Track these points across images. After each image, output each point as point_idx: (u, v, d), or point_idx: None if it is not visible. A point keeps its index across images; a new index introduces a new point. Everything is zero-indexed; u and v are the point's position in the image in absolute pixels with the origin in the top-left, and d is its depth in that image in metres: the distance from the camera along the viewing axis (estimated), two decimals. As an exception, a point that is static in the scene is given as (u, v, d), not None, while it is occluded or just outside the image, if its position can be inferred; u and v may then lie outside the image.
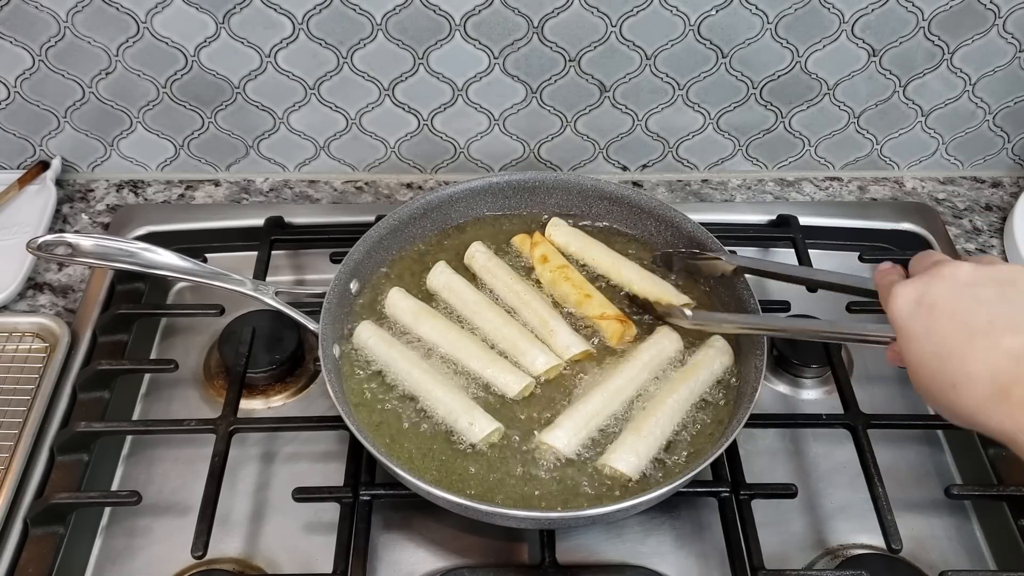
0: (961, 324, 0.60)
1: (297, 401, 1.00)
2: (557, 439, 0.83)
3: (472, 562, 0.85)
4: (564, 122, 1.17)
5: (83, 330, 1.00)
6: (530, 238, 1.02)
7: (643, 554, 0.87)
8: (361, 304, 0.97)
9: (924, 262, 0.68)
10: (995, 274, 0.62)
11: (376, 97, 1.13)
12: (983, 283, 0.62)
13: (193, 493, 0.85)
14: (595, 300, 0.96)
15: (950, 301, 0.62)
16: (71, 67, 1.09)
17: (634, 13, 1.05)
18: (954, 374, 0.60)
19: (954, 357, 0.60)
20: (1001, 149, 1.23)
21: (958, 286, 0.62)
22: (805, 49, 1.09)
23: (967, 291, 0.62)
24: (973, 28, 1.08)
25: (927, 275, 0.64)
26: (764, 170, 1.25)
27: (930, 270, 0.65)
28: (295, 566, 0.86)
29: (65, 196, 1.19)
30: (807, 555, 0.88)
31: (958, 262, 0.64)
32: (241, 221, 1.12)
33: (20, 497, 0.86)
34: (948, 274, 0.63)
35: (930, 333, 0.62)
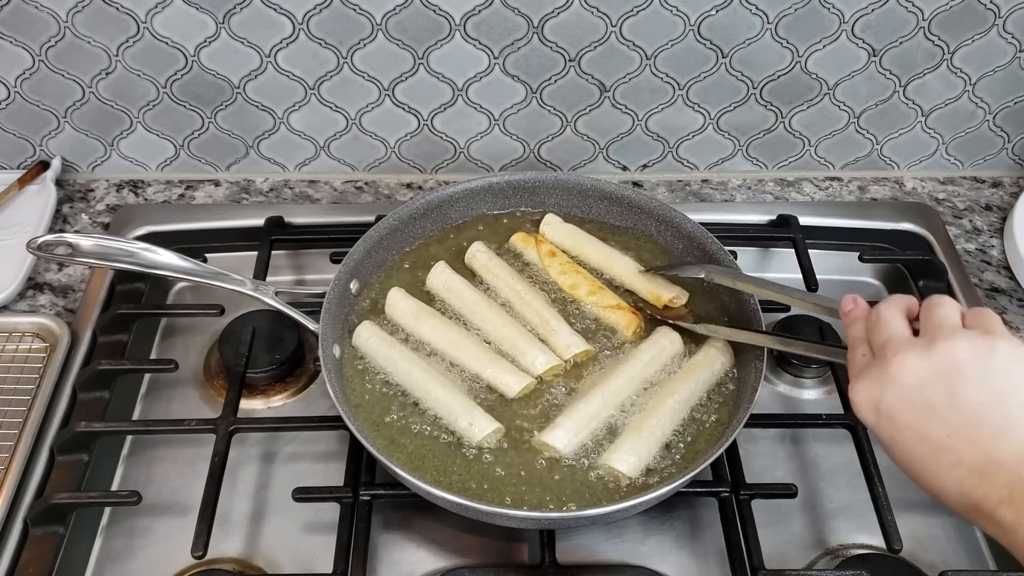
0: (923, 438, 0.61)
1: (297, 401, 1.00)
2: (557, 439, 0.83)
3: (472, 562, 0.85)
4: (564, 122, 1.17)
5: (83, 330, 1.00)
6: (532, 236, 1.02)
7: (643, 554, 0.87)
8: (361, 304, 0.97)
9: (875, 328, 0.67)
10: (942, 367, 0.61)
11: (376, 97, 1.13)
12: (931, 382, 0.61)
13: (193, 493, 0.85)
14: (607, 292, 0.96)
15: (904, 412, 0.62)
16: (71, 67, 1.09)
17: (634, 13, 1.05)
18: (930, 487, 0.62)
19: (927, 474, 0.62)
20: (1001, 149, 1.23)
21: (907, 391, 0.62)
22: (805, 49, 1.09)
23: (917, 395, 0.61)
24: (973, 28, 1.08)
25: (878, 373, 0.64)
26: (764, 170, 1.25)
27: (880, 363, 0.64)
28: (295, 566, 0.86)
29: (65, 196, 1.19)
30: (807, 555, 0.88)
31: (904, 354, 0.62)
32: (241, 221, 1.12)
33: (20, 497, 0.86)
34: (896, 377, 0.62)
35: (896, 446, 0.63)
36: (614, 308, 0.94)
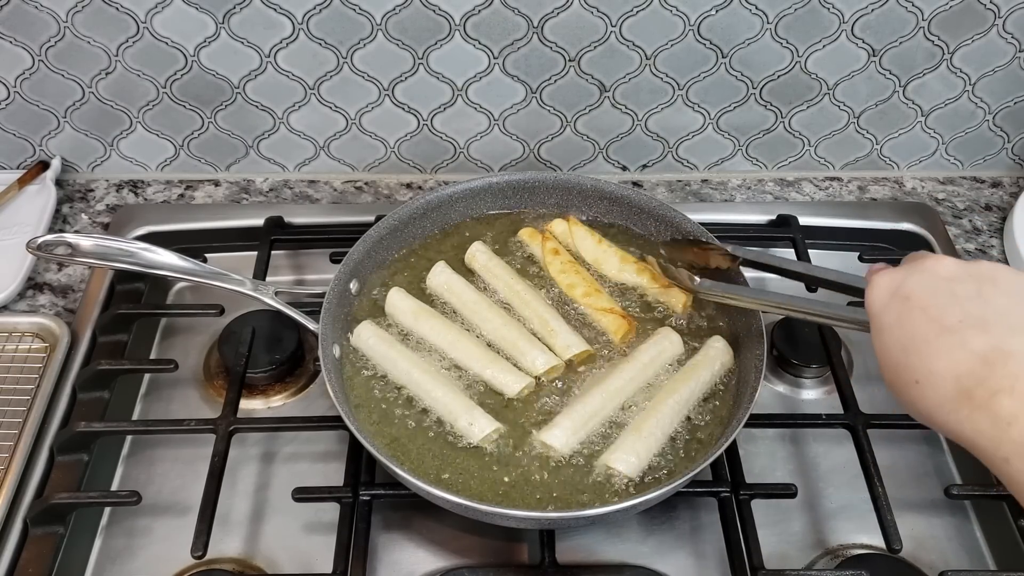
0: (932, 319, 0.59)
1: (297, 401, 1.00)
2: (555, 438, 0.83)
3: (472, 562, 0.85)
4: (564, 122, 1.17)
5: (83, 330, 1.00)
6: (540, 232, 1.02)
7: (643, 554, 0.87)
8: (361, 304, 0.97)
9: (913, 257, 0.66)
10: (976, 271, 0.61)
11: (376, 97, 1.13)
12: (962, 279, 0.60)
13: (193, 493, 0.85)
14: (603, 295, 0.96)
15: (925, 294, 0.60)
16: (71, 67, 1.09)
17: (634, 13, 1.05)
18: (918, 370, 0.58)
19: (920, 352, 0.58)
20: (1001, 149, 1.23)
21: (936, 279, 0.61)
22: (805, 49, 1.09)
23: (944, 285, 0.60)
24: (973, 28, 1.08)
25: (907, 267, 0.63)
26: (764, 170, 1.25)
27: (912, 263, 0.63)
28: (295, 566, 0.86)
29: (65, 196, 1.19)
30: (807, 555, 0.88)
31: (942, 256, 0.63)
32: (241, 221, 1.12)
33: (20, 497, 0.86)
34: (928, 267, 0.62)
35: (900, 325, 0.60)
36: (606, 312, 0.94)
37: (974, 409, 0.55)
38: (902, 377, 0.60)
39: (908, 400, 0.60)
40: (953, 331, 0.57)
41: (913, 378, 0.58)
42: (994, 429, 0.54)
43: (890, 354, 0.61)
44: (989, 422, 0.54)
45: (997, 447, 0.54)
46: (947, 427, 0.57)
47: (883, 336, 0.62)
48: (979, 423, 0.54)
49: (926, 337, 0.58)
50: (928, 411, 0.58)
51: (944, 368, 0.57)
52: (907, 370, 0.59)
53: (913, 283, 0.61)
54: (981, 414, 0.54)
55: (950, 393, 0.56)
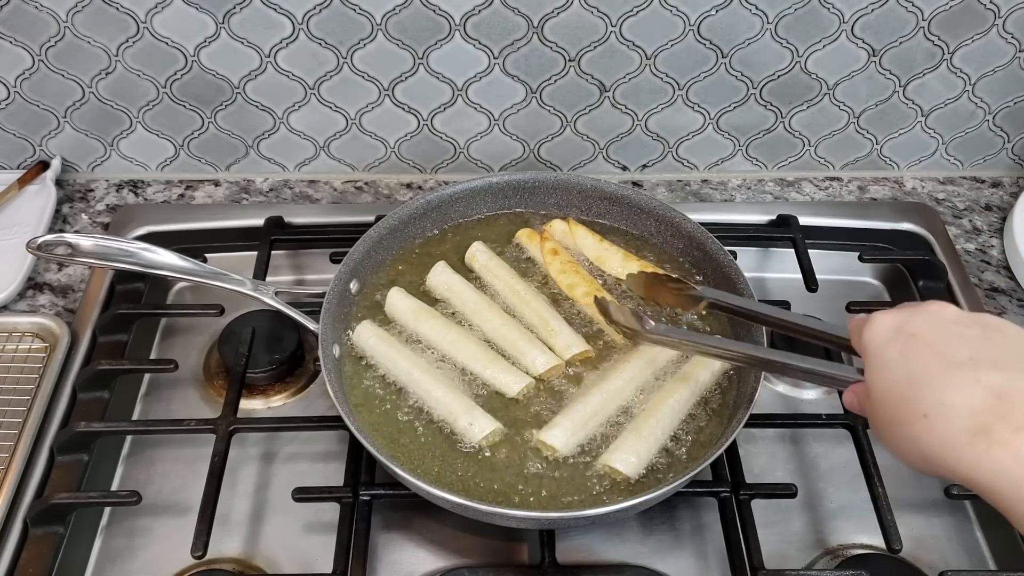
0: (940, 355, 0.56)
1: (297, 401, 1.00)
2: (555, 438, 0.83)
3: (472, 562, 0.85)
4: (564, 122, 1.17)
5: (83, 330, 1.00)
6: (538, 233, 1.02)
7: (643, 554, 0.87)
8: (361, 304, 0.97)
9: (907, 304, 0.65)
10: (982, 319, 0.59)
11: (376, 97, 1.13)
12: (968, 323, 0.59)
13: (193, 493, 0.85)
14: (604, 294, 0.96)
15: (931, 333, 0.58)
16: (71, 67, 1.09)
17: (634, 13, 1.05)
18: (927, 403, 0.55)
19: (930, 385, 0.55)
20: (1001, 149, 1.23)
21: (942, 321, 0.59)
22: (805, 49, 1.09)
23: (951, 327, 0.58)
24: (973, 28, 1.08)
25: (910, 309, 0.62)
26: (764, 170, 1.25)
27: (913, 306, 0.62)
28: (295, 566, 0.86)
29: (65, 196, 1.19)
30: (807, 555, 0.88)
31: (945, 303, 0.62)
32: (241, 221, 1.12)
33: (20, 497, 0.86)
34: (933, 310, 0.60)
35: (905, 360, 0.58)
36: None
37: (992, 445, 0.51)
38: (906, 411, 0.56)
39: (909, 436, 0.56)
40: (964, 367, 0.55)
41: (920, 412, 0.55)
42: (1017, 467, 0.51)
43: (893, 388, 0.58)
44: (1012, 459, 0.51)
45: (1020, 487, 0.50)
46: (958, 464, 0.54)
47: (885, 371, 0.59)
48: (1000, 460, 0.51)
49: (936, 371, 0.56)
50: (935, 448, 0.55)
51: (958, 401, 0.54)
52: (914, 403, 0.56)
53: (918, 323, 0.59)
54: (1002, 451, 0.51)
55: (965, 427, 0.53)
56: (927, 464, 0.57)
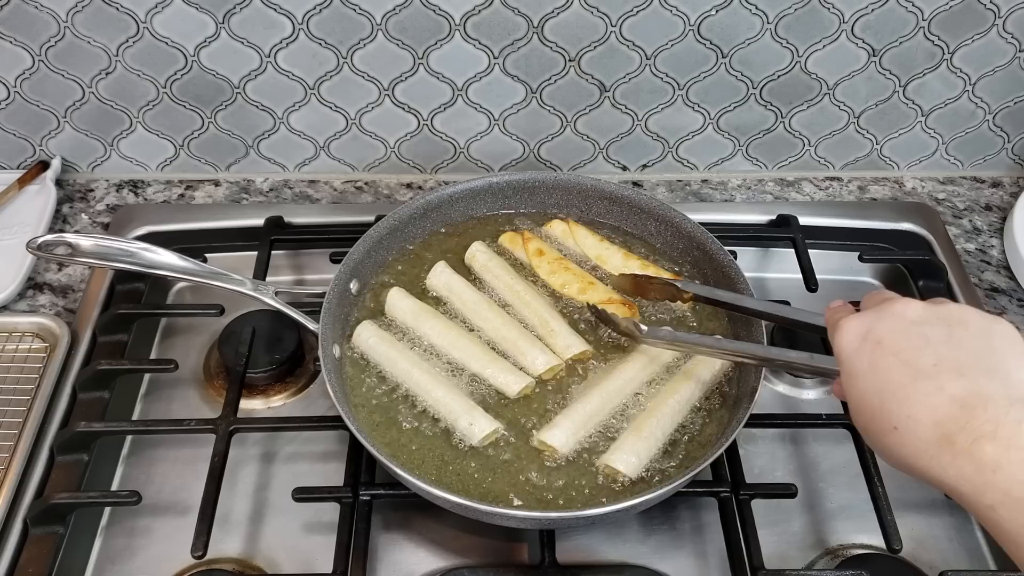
0: (905, 363, 0.58)
1: (297, 401, 1.00)
2: (555, 438, 0.83)
3: (472, 562, 0.85)
4: (564, 122, 1.17)
5: (83, 330, 1.00)
6: (519, 235, 1.02)
7: (643, 554, 0.87)
8: (361, 304, 0.97)
9: (875, 299, 0.65)
10: (945, 313, 0.60)
11: (376, 97, 1.13)
12: (932, 322, 0.60)
13: (193, 493, 0.85)
14: (599, 287, 0.96)
15: (896, 339, 0.59)
16: (71, 67, 1.09)
17: (634, 13, 1.05)
18: (895, 416, 0.57)
19: (896, 398, 0.57)
20: (1001, 149, 1.23)
21: (906, 323, 0.60)
22: (805, 49, 1.09)
23: (915, 329, 0.59)
24: (973, 28, 1.08)
25: (876, 311, 0.62)
26: (764, 170, 1.25)
27: (879, 306, 0.63)
28: (295, 566, 0.86)
29: (65, 196, 1.19)
30: (807, 555, 0.88)
31: (909, 299, 0.62)
32: (241, 221, 1.12)
33: (20, 497, 0.86)
34: (897, 311, 0.61)
35: (873, 370, 0.59)
36: (606, 304, 0.94)
37: (956, 455, 0.54)
38: (878, 423, 0.59)
39: (885, 446, 0.59)
40: (928, 376, 0.57)
41: (891, 424, 0.57)
42: (978, 476, 0.53)
43: (865, 400, 0.60)
44: (973, 468, 0.53)
45: (982, 494, 0.53)
46: (928, 473, 0.56)
47: (857, 382, 0.60)
48: (963, 469, 0.53)
49: (901, 382, 0.57)
50: (907, 458, 0.57)
51: (923, 414, 0.56)
52: (884, 416, 0.58)
53: (883, 328, 0.60)
54: (964, 460, 0.53)
55: (930, 439, 0.55)
56: (904, 469, 0.59)
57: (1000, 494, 0.52)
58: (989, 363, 0.57)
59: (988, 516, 0.53)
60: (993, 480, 0.52)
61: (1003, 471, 0.52)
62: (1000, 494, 0.52)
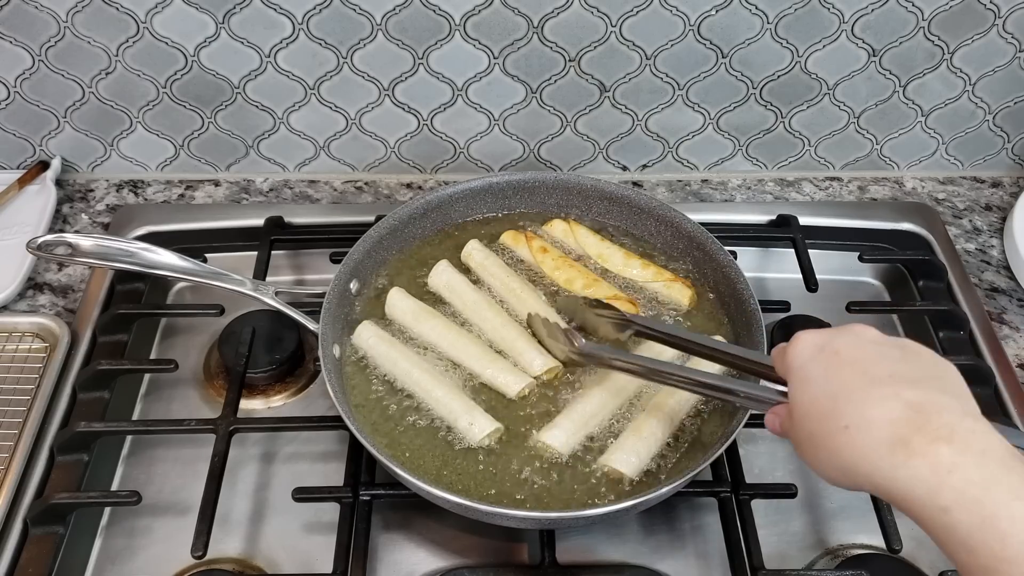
0: (862, 372, 0.59)
1: (297, 401, 1.00)
2: (555, 438, 0.83)
3: (472, 562, 0.85)
4: (564, 122, 1.17)
5: (83, 330, 1.00)
6: (523, 234, 1.02)
7: (643, 554, 0.87)
8: (361, 304, 0.97)
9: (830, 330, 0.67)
10: (901, 342, 0.62)
11: (376, 97, 1.13)
12: (889, 344, 0.62)
13: (193, 493, 0.85)
14: (603, 283, 0.97)
15: (854, 351, 0.61)
16: (71, 67, 1.09)
17: (634, 13, 1.05)
18: (849, 415, 0.57)
19: (852, 399, 0.58)
20: (1001, 149, 1.23)
21: (864, 341, 0.62)
22: (805, 49, 1.09)
23: (872, 346, 0.61)
24: (973, 28, 1.08)
25: (832, 329, 0.64)
26: (764, 170, 1.25)
27: (837, 327, 0.64)
28: (295, 566, 0.86)
29: (65, 196, 1.19)
30: (807, 555, 0.88)
31: (867, 326, 0.64)
32: (241, 221, 1.12)
33: (20, 497, 0.86)
34: (857, 331, 0.63)
35: (827, 376, 0.60)
36: (611, 299, 0.94)
37: (911, 455, 0.54)
38: (828, 424, 0.59)
39: (831, 448, 0.58)
40: (884, 383, 0.57)
41: (842, 423, 0.57)
42: (934, 477, 0.53)
43: (816, 403, 0.60)
44: (928, 470, 0.53)
45: (936, 495, 0.52)
46: (874, 476, 0.56)
47: (808, 386, 0.61)
48: (917, 470, 0.53)
49: (857, 385, 0.58)
50: (855, 459, 0.57)
51: (878, 414, 0.56)
52: (835, 416, 0.58)
53: (841, 342, 0.62)
54: (919, 461, 0.53)
55: (884, 438, 0.55)
56: (845, 476, 0.59)
57: (956, 494, 0.52)
58: (941, 384, 0.58)
59: (940, 520, 0.52)
60: (949, 481, 0.52)
61: (959, 472, 0.52)
62: (956, 494, 0.52)
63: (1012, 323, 1.07)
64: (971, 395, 0.59)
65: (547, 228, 1.04)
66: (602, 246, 1.01)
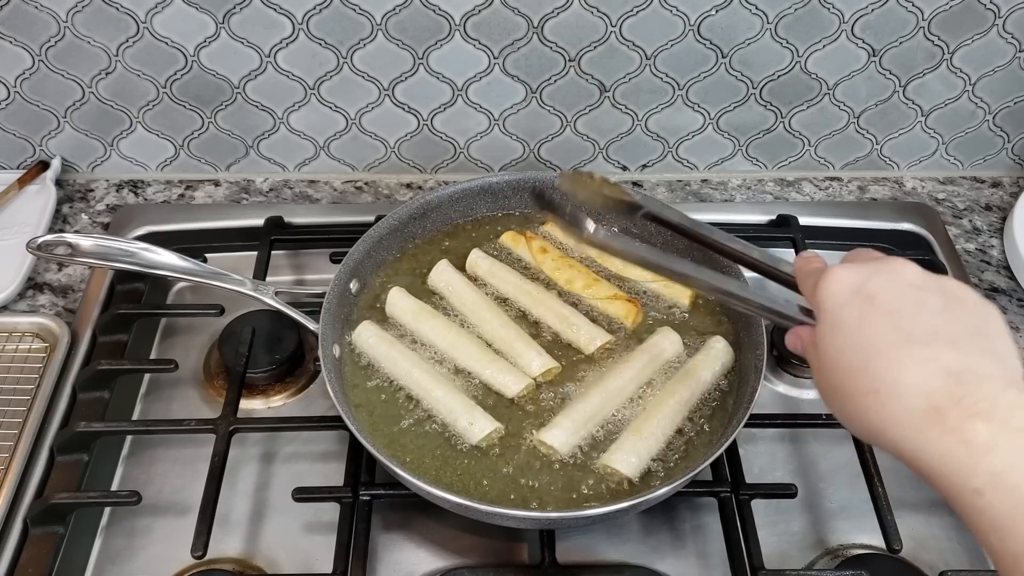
0: (899, 326, 0.53)
1: (297, 401, 1.00)
2: (554, 438, 0.83)
3: (472, 562, 0.85)
4: (564, 122, 1.17)
5: (83, 330, 1.00)
6: (522, 235, 1.02)
7: (643, 554, 0.87)
8: (361, 304, 0.97)
9: (865, 256, 0.61)
10: (943, 286, 0.57)
11: (376, 97, 1.13)
12: (931, 289, 0.56)
13: (193, 493, 0.85)
14: (603, 283, 0.97)
15: (891, 298, 0.55)
16: (71, 67, 1.09)
17: (634, 13, 1.05)
18: (878, 377, 0.53)
19: (885, 358, 0.53)
20: (1001, 149, 1.23)
21: (903, 285, 0.56)
22: (805, 49, 1.09)
23: (912, 292, 0.55)
24: (973, 28, 1.08)
25: (871, 265, 0.58)
26: (764, 170, 1.25)
27: (875, 262, 0.58)
28: (295, 566, 0.86)
29: (65, 196, 1.19)
30: (807, 555, 0.88)
31: (906, 260, 0.58)
32: (241, 221, 1.12)
33: (20, 497, 0.86)
34: (895, 270, 0.57)
35: (860, 326, 0.54)
36: (612, 299, 0.95)
37: (945, 431, 0.50)
38: (856, 383, 0.54)
39: (858, 409, 0.54)
40: (923, 343, 0.52)
41: (871, 386, 0.53)
42: (968, 456, 0.49)
43: (843, 356, 0.55)
44: (963, 448, 0.49)
45: (969, 476, 0.49)
46: (903, 443, 0.52)
47: (838, 336, 0.56)
48: (950, 446, 0.49)
49: (892, 343, 0.53)
50: (883, 424, 0.53)
51: (913, 380, 0.51)
52: (864, 376, 0.53)
53: (878, 284, 0.56)
54: (953, 437, 0.49)
55: (917, 408, 0.51)
56: (870, 436, 0.55)
57: (991, 477, 0.48)
58: (984, 343, 0.53)
59: (972, 502, 0.49)
60: (985, 462, 0.48)
61: (996, 454, 0.48)
62: (991, 477, 0.48)
63: (1012, 323, 1.07)
64: (1015, 351, 0.54)
65: (547, 228, 1.04)
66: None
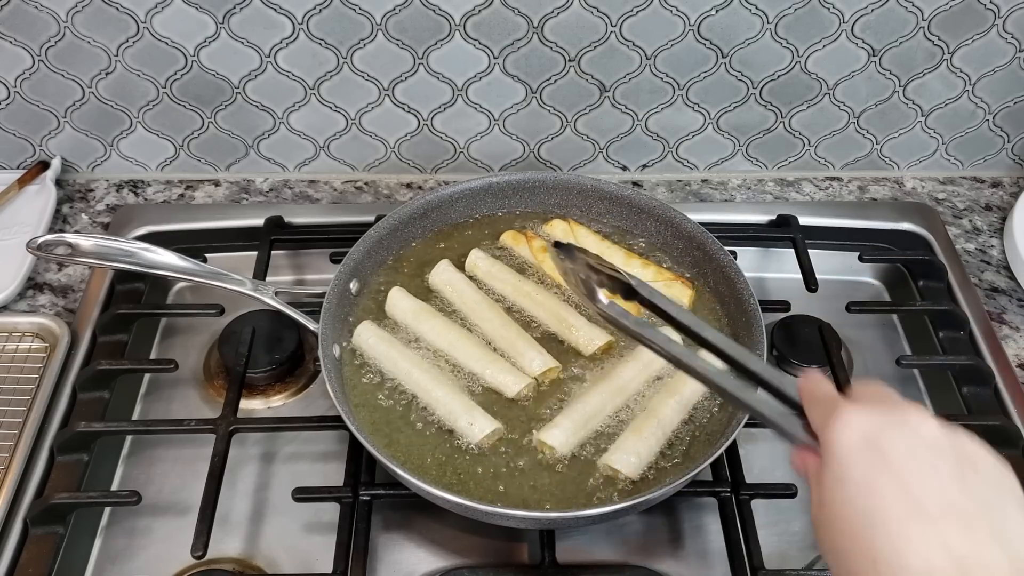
0: (907, 493, 0.51)
1: (297, 401, 1.00)
2: (554, 438, 0.83)
3: (472, 562, 0.85)
4: (564, 122, 1.17)
5: (83, 330, 1.00)
6: (523, 234, 1.02)
7: (643, 554, 0.87)
8: (361, 304, 0.97)
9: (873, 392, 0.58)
10: (960, 448, 0.53)
11: (376, 97, 1.13)
12: (946, 453, 0.52)
13: (193, 493, 0.85)
14: None
15: (904, 459, 0.52)
16: (71, 67, 1.09)
17: (634, 13, 1.05)
18: (881, 550, 0.50)
19: (889, 532, 0.50)
20: (1001, 149, 1.23)
21: (918, 444, 0.53)
22: (805, 49, 1.09)
23: (926, 453, 0.52)
24: (973, 28, 1.08)
25: (887, 414, 0.54)
26: (764, 170, 1.25)
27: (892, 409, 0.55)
28: (295, 566, 0.86)
29: (65, 196, 1.19)
30: (807, 555, 0.88)
31: (924, 413, 0.54)
32: (241, 221, 1.12)
33: (20, 497, 0.86)
34: (912, 424, 0.53)
35: (868, 485, 0.52)
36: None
37: None
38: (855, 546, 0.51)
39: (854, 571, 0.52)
40: (930, 518, 0.50)
41: (871, 557, 0.50)
42: None
43: (846, 511, 0.52)
44: None
45: None
46: None
47: (842, 491, 0.53)
48: None
49: (899, 514, 0.50)
50: None
51: (916, 564, 0.49)
52: (864, 543, 0.51)
53: (892, 439, 0.53)
54: None
55: None
56: None
57: None
58: (994, 518, 0.51)
59: None
60: None
61: None
62: None
63: (1012, 323, 1.07)
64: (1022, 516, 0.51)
65: (547, 228, 1.04)
66: (602, 246, 1.01)
